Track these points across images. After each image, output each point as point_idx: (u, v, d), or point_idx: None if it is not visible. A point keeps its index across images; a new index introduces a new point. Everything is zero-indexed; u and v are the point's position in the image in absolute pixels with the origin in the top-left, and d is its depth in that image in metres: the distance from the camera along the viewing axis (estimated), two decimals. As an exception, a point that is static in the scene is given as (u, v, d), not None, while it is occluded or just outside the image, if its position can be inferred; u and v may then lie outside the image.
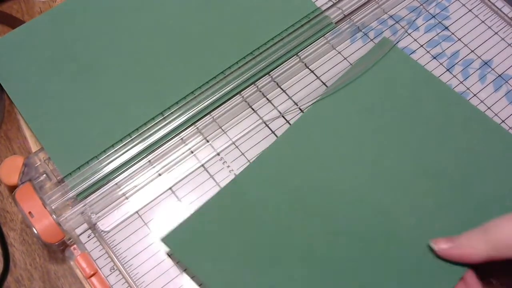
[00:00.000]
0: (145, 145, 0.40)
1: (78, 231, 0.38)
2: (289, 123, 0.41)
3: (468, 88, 0.43)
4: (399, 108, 0.41)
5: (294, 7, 0.45)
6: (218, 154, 0.41)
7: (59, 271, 0.39)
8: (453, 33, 0.45)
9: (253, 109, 0.42)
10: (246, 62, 0.43)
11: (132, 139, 0.40)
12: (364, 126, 0.40)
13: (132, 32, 0.44)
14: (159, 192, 0.39)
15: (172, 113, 0.41)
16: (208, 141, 0.41)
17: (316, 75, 0.43)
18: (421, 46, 0.44)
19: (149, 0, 0.45)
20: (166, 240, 0.37)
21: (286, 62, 0.43)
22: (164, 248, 0.37)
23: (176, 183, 0.40)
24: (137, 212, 0.39)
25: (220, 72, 0.42)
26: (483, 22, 0.45)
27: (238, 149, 0.41)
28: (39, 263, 0.39)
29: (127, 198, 0.39)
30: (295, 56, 0.43)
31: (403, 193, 0.38)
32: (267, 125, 0.41)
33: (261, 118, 0.42)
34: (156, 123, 0.41)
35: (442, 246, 0.35)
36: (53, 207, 0.38)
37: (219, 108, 0.41)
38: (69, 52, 0.43)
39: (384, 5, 0.45)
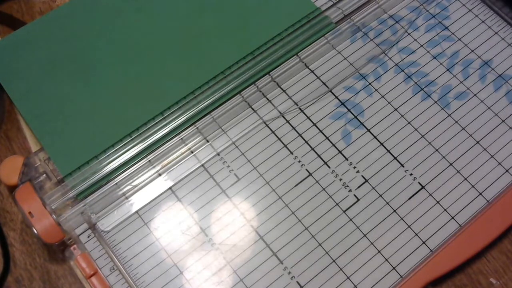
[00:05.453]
0: (145, 145, 0.40)
1: (78, 231, 0.38)
2: (289, 123, 0.41)
3: (468, 88, 0.43)
4: None
5: (294, 7, 0.45)
6: (218, 154, 0.41)
7: (59, 271, 0.39)
8: (453, 33, 0.45)
9: (253, 109, 0.42)
10: (246, 62, 0.43)
11: (132, 139, 0.40)
12: None
13: (132, 32, 0.44)
14: (159, 192, 0.39)
15: (172, 113, 0.41)
16: (208, 141, 0.41)
17: (316, 75, 0.43)
18: (421, 46, 0.44)
19: (149, 0, 0.45)
20: None
21: (286, 62, 0.43)
22: (164, 248, 0.38)
23: (176, 183, 0.40)
24: (137, 212, 0.39)
25: (220, 72, 0.42)
26: (483, 22, 0.45)
27: (238, 149, 0.41)
28: (39, 263, 0.39)
29: (127, 198, 0.39)
30: (295, 56, 0.43)
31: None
32: (267, 125, 0.41)
33: (261, 118, 0.42)
34: (156, 123, 0.41)
35: None
36: (53, 207, 0.38)
37: (219, 108, 0.41)
38: (69, 52, 0.43)
39: (384, 5, 0.45)
